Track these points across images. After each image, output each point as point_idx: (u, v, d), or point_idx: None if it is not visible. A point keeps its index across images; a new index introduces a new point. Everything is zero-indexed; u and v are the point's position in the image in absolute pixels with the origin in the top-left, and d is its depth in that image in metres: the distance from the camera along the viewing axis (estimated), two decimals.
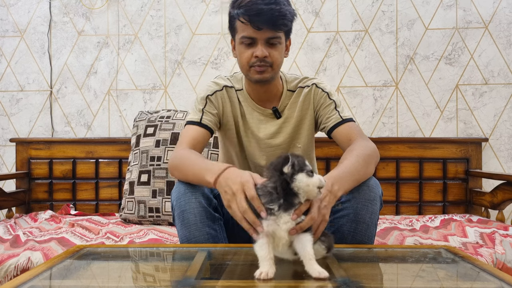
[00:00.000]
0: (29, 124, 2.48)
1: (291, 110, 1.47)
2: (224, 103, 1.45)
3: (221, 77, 1.50)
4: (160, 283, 0.97)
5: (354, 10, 2.41)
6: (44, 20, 2.48)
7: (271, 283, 0.86)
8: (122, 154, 2.31)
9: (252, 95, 1.46)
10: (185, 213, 1.23)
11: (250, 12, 1.28)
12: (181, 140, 1.38)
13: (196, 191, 1.25)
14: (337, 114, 1.42)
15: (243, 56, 1.36)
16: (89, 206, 2.31)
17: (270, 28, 1.30)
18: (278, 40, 1.34)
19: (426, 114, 2.40)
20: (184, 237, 1.24)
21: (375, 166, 1.31)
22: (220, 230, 1.26)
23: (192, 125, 1.40)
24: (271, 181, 0.93)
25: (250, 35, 1.32)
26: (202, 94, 1.45)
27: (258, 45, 1.32)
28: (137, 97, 2.46)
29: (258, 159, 1.47)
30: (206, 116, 1.40)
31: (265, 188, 0.94)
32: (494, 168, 2.36)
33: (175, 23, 2.45)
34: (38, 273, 0.93)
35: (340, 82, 2.41)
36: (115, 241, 1.68)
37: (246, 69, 1.38)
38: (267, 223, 0.91)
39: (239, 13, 1.30)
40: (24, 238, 1.67)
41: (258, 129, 1.46)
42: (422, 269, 1.01)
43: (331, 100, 1.44)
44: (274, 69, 1.37)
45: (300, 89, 1.47)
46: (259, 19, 1.28)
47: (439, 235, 1.73)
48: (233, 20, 1.36)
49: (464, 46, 2.38)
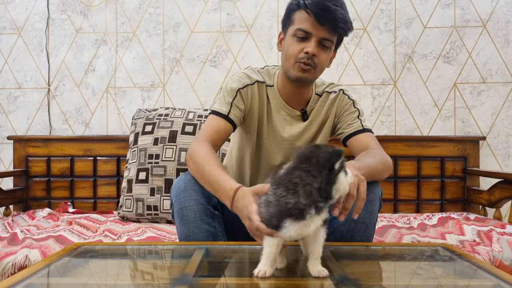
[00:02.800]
0: (27, 122, 2.48)
1: (316, 114, 1.46)
2: (253, 99, 1.41)
3: (253, 70, 1.45)
4: (158, 280, 0.97)
5: (353, 8, 2.41)
6: (42, 18, 2.47)
7: (269, 281, 0.86)
8: (120, 152, 2.31)
9: (282, 94, 1.43)
10: (185, 210, 1.23)
11: (318, 5, 1.26)
12: (205, 130, 1.35)
13: (195, 188, 1.25)
14: (359, 122, 1.42)
15: (292, 49, 1.32)
16: (87, 204, 2.31)
17: (330, 27, 1.28)
18: (330, 44, 1.32)
19: (424, 112, 2.40)
20: (183, 234, 1.24)
21: (384, 177, 1.33)
22: (219, 228, 1.26)
23: (218, 116, 1.36)
24: (309, 179, 0.79)
25: (307, 29, 1.29)
26: (233, 85, 1.39)
27: (311, 41, 1.29)
28: (135, 95, 2.46)
29: (275, 159, 1.45)
30: (234, 111, 1.37)
31: (305, 188, 0.79)
32: (491, 167, 2.37)
33: (173, 20, 2.45)
34: (36, 270, 0.92)
35: (338, 81, 2.41)
36: (113, 239, 1.68)
37: (290, 63, 1.33)
38: (295, 228, 0.82)
39: (306, 3, 1.27)
40: (21, 236, 1.67)
41: (283, 129, 1.43)
42: (419, 267, 1.01)
43: (355, 108, 1.44)
44: (317, 72, 1.35)
45: (327, 94, 1.46)
46: (324, 14, 1.26)
47: (436, 233, 1.73)
48: (292, 11, 1.33)
49: (462, 45, 2.39)
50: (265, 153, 1.45)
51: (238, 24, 2.44)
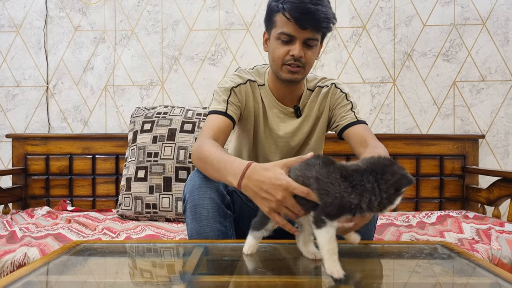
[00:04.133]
0: (25, 120, 2.47)
1: (310, 109, 1.46)
2: (247, 97, 1.41)
3: (243, 70, 1.46)
4: (157, 278, 0.96)
5: (352, 6, 2.41)
6: (40, 15, 2.46)
7: (268, 278, 0.86)
8: (119, 150, 2.30)
9: (274, 92, 1.43)
10: (198, 207, 1.22)
11: (297, 10, 1.24)
12: (205, 129, 1.33)
13: (210, 186, 1.23)
14: (352, 114, 1.42)
15: (278, 52, 1.32)
16: (86, 202, 2.30)
17: (313, 29, 1.27)
18: (316, 42, 1.32)
19: (423, 110, 2.40)
20: (194, 231, 1.23)
21: None
22: (230, 227, 1.26)
23: (216, 114, 1.35)
24: (376, 190, 0.85)
25: (290, 32, 1.28)
26: (226, 85, 1.40)
27: (296, 44, 1.29)
28: (134, 93, 2.45)
29: (272, 157, 1.45)
30: (231, 107, 1.37)
31: (370, 197, 0.85)
32: (490, 165, 2.37)
33: (172, 18, 2.44)
34: (34, 268, 0.92)
35: (337, 79, 2.41)
36: (111, 237, 1.68)
37: (277, 66, 1.34)
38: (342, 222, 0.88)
39: (285, 8, 1.26)
40: (20, 234, 1.67)
41: (278, 127, 1.44)
42: (418, 265, 1.01)
43: (348, 101, 1.45)
44: (306, 70, 1.35)
45: (319, 88, 1.47)
46: (305, 18, 1.25)
47: (435, 231, 1.73)
48: (273, 14, 1.32)
49: (462, 43, 2.38)
50: (262, 151, 1.46)
51: (237, 22, 2.43)
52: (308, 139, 1.47)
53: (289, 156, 1.45)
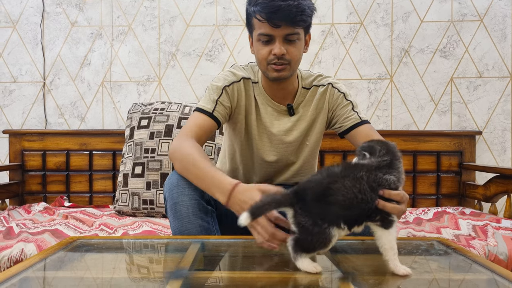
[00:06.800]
0: (22, 116, 2.46)
1: (306, 108, 1.45)
2: (240, 96, 1.41)
3: (238, 67, 1.45)
4: (154, 274, 0.97)
5: (349, 2, 2.40)
6: (37, 11, 2.45)
7: (264, 274, 0.86)
8: (116, 146, 2.30)
9: (266, 90, 1.43)
10: (178, 205, 1.23)
11: (267, 9, 1.24)
12: (188, 126, 1.34)
13: (188, 183, 1.24)
14: (356, 114, 1.42)
15: (261, 53, 1.32)
16: (83, 198, 2.30)
17: (288, 25, 1.26)
18: (297, 36, 1.30)
19: (420, 107, 2.40)
20: (176, 229, 1.24)
21: None
22: (212, 222, 1.26)
23: (202, 113, 1.36)
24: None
25: (267, 32, 1.28)
26: (219, 83, 1.40)
27: (276, 42, 1.29)
28: (131, 89, 2.45)
29: (267, 155, 1.45)
30: (219, 108, 1.37)
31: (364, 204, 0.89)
32: (487, 161, 2.38)
33: (169, 14, 2.43)
34: (31, 264, 0.92)
35: (335, 75, 2.41)
36: (109, 233, 1.68)
37: (264, 67, 1.34)
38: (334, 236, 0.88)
39: (255, 10, 1.26)
40: (17, 230, 1.66)
41: (271, 125, 1.44)
42: (414, 261, 1.02)
43: (347, 100, 1.44)
44: (293, 66, 1.34)
45: (315, 87, 1.46)
46: (277, 16, 1.24)
47: (432, 228, 1.74)
48: (250, 17, 1.33)
49: (459, 39, 2.38)
50: (256, 149, 1.45)
51: (234, 18, 2.43)
52: (305, 139, 1.47)
53: (286, 155, 1.46)
